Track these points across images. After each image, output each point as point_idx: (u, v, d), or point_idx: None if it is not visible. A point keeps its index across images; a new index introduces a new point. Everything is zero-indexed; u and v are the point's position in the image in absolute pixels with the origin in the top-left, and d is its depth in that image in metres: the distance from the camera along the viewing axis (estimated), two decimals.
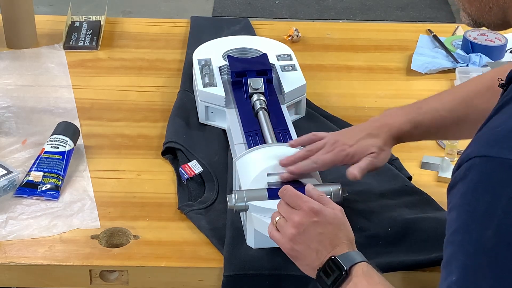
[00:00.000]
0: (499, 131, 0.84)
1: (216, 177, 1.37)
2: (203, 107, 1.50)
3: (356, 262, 1.03)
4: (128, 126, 1.54)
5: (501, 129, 0.83)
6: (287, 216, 1.10)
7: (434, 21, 3.87)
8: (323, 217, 1.07)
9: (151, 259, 1.22)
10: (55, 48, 1.81)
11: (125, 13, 3.88)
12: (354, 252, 1.05)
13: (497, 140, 0.82)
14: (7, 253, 1.22)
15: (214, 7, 4.04)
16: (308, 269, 1.07)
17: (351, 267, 1.02)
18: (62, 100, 1.62)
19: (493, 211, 0.80)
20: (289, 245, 1.08)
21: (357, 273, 1.02)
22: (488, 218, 0.80)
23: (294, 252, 1.08)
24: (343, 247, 1.05)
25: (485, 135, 0.85)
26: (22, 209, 1.30)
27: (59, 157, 1.38)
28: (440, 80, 1.72)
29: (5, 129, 1.52)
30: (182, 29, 1.91)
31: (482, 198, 0.81)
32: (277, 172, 1.23)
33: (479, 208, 0.81)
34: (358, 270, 1.02)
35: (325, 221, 1.07)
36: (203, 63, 1.57)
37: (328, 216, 1.08)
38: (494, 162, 0.81)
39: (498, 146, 0.81)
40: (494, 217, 0.80)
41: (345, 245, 1.06)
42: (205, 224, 1.27)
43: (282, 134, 1.38)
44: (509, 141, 0.81)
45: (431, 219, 1.27)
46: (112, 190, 1.37)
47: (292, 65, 1.57)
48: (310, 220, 1.07)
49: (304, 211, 1.08)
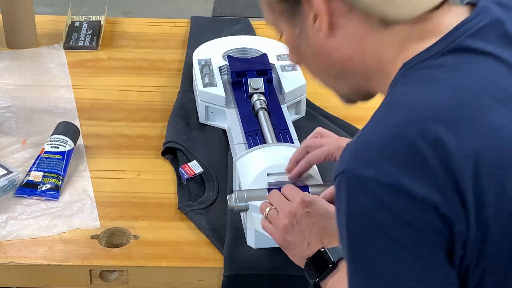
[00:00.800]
0: (359, 144, 0.84)
1: (216, 177, 1.37)
2: (203, 107, 1.50)
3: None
4: (128, 126, 1.54)
5: (360, 140, 0.84)
6: (279, 207, 1.11)
7: None
8: (316, 208, 1.09)
9: (151, 259, 1.22)
10: (55, 48, 1.81)
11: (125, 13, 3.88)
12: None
13: (354, 155, 0.83)
14: (7, 253, 1.22)
15: (214, 7, 4.04)
16: (298, 258, 1.09)
17: (338, 261, 1.03)
18: (62, 100, 1.62)
19: (341, 222, 0.83)
20: (282, 236, 1.10)
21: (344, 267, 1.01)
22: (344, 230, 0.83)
23: (286, 242, 1.10)
24: (333, 240, 1.05)
25: (351, 147, 0.85)
26: (22, 209, 1.30)
27: (59, 157, 1.38)
28: None
29: (5, 129, 1.52)
30: (182, 29, 1.91)
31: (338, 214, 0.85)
32: (277, 172, 1.23)
33: (339, 221, 0.85)
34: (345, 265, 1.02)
35: (317, 212, 1.09)
36: (203, 63, 1.57)
37: (320, 208, 1.09)
38: (349, 177, 0.82)
39: (353, 161, 0.82)
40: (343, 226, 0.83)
41: (336, 238, 1.05)
42: (205, 224, 1.27)
43: (282, 134, 1.38)
44: (361, 156, 0.82)
45: None
46: (112, 190, 1.37)
47: (292, 65, 1.57)
48: (302, 210, 1.09)
49: (297, 202, 1.10)
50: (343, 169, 0.82)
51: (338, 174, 0.83)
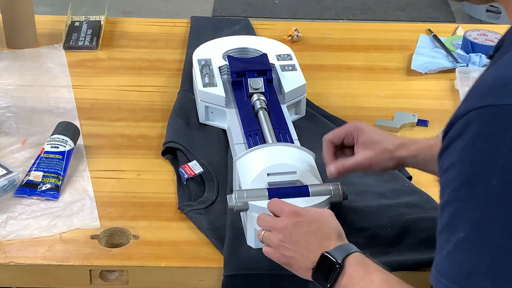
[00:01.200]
0: (491, 82, 0.81)
1: (216, 177, 1.37)
2: (203, 107, 1.50)
3: (348, 254, 1.02)
4: (128, 126, 1.54)
5: (492, 79, 0.81)
6: (270, 226, 1.10)
7: (434, 21, 3.87)
8: (306, 216, 1.08)
9: (151, 259, 1.22)
10: (55, 48, 1.81)
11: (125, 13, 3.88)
12: (344, 244, 1.05)
13: (492, 89, 0.80)
14: (7, 253, 1.22)
15: (214, 7, 4.04)
16: (303, 271, 1.06)
17: (344, 259, 1.01)
18: (62, 100, 1.62)
19: (494, 159, 0.77)
20: (280, 253, 1.08)
21: (351, 264, 1.01)
22: (490, 167, 0.78)
23: (286, 258, 1.08)
24: (332, 241, 1.04)
25: (477, 89, 0.83)
26: (22, 209, 1.30)
27: (59, 157, 1.38)
28: (440, 80, 1.72)
29: (5, 129, 1.52)
30: (182, 29, 1.91)
31: (482, 148, 0.79)
32: (278, 172, 1.23)
33: (480, 159, 0.79)
34: (352, 261, 1.01)
35: (308, 219, 1.07)
36: (203, 63, 1.57)
37: (311, 214, 1.08)
38: (492, 110, 0.78)
39: (493, 95, 0.79)
40: (496, 164, 0.77)
41: (334, 238, 1.05)
42: (205, 224, 1.27)
43: (282, 134, 1.38)
44: (503, 88, 0.79)
45: (431, 219, 1.27)
46: (112, 190, 1.37)
47: (292, 65, 1.57)
48: (293, 221, 1.07)
49: (286, 214, 1.08)
50: (480, 105, 0.78)
51: (469, 111, 0.79)
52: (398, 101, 1.64)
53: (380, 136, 1.25)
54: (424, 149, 1.23)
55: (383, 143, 1.23)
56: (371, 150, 1.23)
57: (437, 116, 1.58)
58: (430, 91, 1.69)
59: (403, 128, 1.55)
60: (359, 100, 1.65)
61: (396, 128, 1.54)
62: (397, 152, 1.23)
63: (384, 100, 1.65)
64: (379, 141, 1.24)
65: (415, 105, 1.62)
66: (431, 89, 1.69)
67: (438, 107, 1.63)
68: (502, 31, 1.84)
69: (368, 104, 1.64)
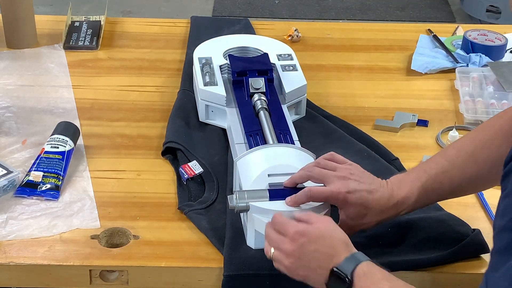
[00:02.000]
0: None
1: (216, 177, 1.37)
2: (203, 106, 1.50)
3: (355, 266, 1.03)
4: (128, 126, 1.54)
5: None
6: (277, 247, 1.10)
7: (434, 21, 3.87)
8: (311, 233, 1.08)
9: (151, 259, 1.22)
10: (55, 48, 1.81)
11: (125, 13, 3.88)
12: (351, 255, 1.05)
13: None
14: (7, 253, 1.22)
15: (214, 7, 4.04)
16: (320, 285, 1.07)
17: (352, 272, 1.03)
18: (62, 100, 1.62)
19: None
20: (294, 273, 1.09)
21: (359, 276, 1.02)
22: None
23: (300, 277, 1.09)
24: (340, 254, 1.05)
25: None
26: (22, 209, 1.30)
27: (59, 157, 1.38)
28: (440, 80, 1.72)
29: (5, 129, 1.52)
30: (182, 29, 1.91)
31: None
32: (278, 173, 1.23)
33: None
34: (360, 273, 1.03)
35: (314, 237, 1.07)
36: (204, 62, 1.57)
37: (314, 233, 1.08)
38: None
39: None
40: None
41: (342, 249, 1.06)
42: (205, 224, 1.27)
43: (283, 134, 1.38)
44: None
45: (431, 219, 1.27)
46: (112, 190, 1.37)
47: (292, 65, 1.57)
48: (299, 243, 1.08)
49: (291, 237, 1.08)
50: None
51: None
52: (398, 101, 1.64)
53: (366, 209, 1.17)
54: (420, 198, 1.19)
55: (368, 216, 1.18)
56: (360, 220, 1.19)
57: (437, 116, 1.58)
58: (430, 91, 1.69)
59: (403, 128, 1.55)
60: (359, 100, 1.65)
61: (396, 128, 1.54)
62: (389, 215, 1.20)
63: (384, 100, 1.65)
64: (365, 214, 1.18)
65: (415, 105, 1.62)
66: (431, 89, 1.69)
67: (438, 107, 1.63)
68: (502, 31, 1.84)
69: (368, 104, 1.64)
